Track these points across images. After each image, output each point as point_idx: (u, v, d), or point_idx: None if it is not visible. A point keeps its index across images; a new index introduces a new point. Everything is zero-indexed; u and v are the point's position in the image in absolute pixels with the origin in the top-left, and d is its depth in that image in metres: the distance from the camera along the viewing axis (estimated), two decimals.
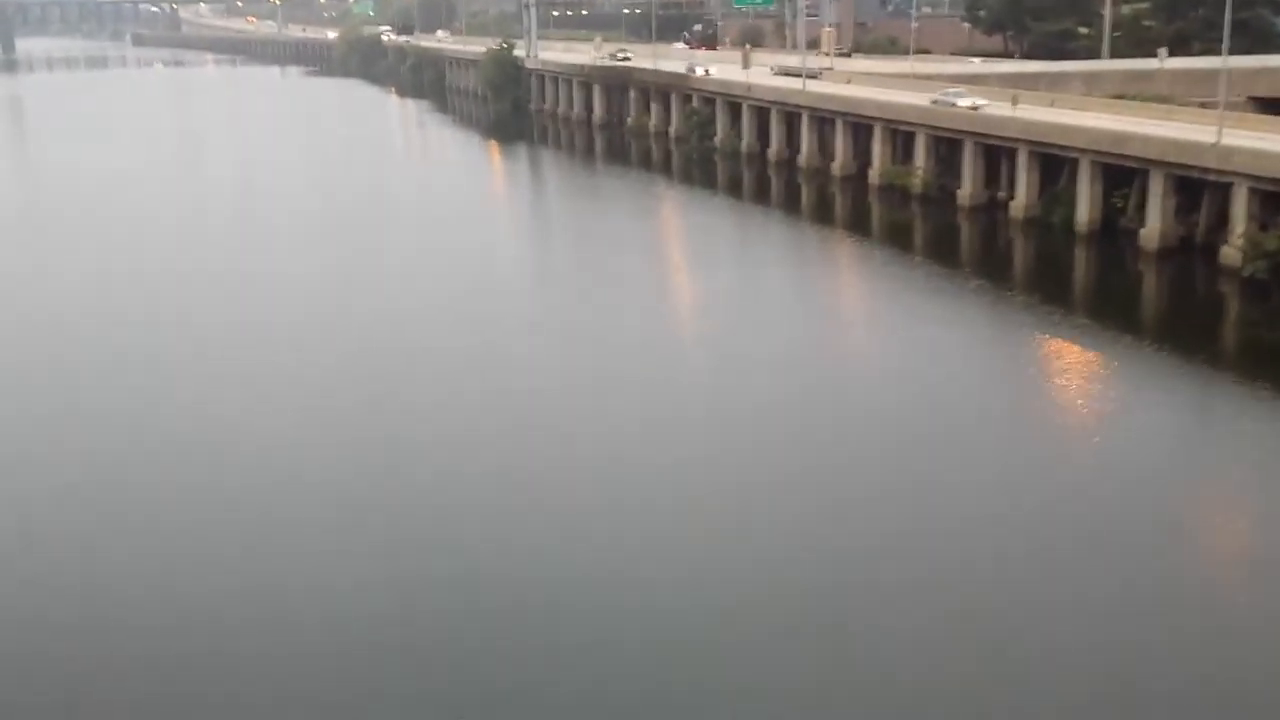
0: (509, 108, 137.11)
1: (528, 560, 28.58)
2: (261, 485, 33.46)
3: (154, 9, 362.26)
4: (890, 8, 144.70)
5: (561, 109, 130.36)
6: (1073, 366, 44.46)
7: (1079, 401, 40.36)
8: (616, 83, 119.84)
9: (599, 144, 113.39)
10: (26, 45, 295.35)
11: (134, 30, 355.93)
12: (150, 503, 32.41)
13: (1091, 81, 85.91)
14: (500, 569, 28.15)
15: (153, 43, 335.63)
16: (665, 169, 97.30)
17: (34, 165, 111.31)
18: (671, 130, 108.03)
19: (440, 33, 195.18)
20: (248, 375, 43.17)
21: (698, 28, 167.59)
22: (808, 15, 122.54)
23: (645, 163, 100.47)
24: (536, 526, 30.39)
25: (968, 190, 71.65)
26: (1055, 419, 38.70)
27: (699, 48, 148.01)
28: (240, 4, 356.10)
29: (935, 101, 76.39)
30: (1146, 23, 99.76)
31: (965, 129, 71.75)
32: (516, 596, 26.79)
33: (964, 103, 74.31)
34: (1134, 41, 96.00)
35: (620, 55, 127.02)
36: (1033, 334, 47.97)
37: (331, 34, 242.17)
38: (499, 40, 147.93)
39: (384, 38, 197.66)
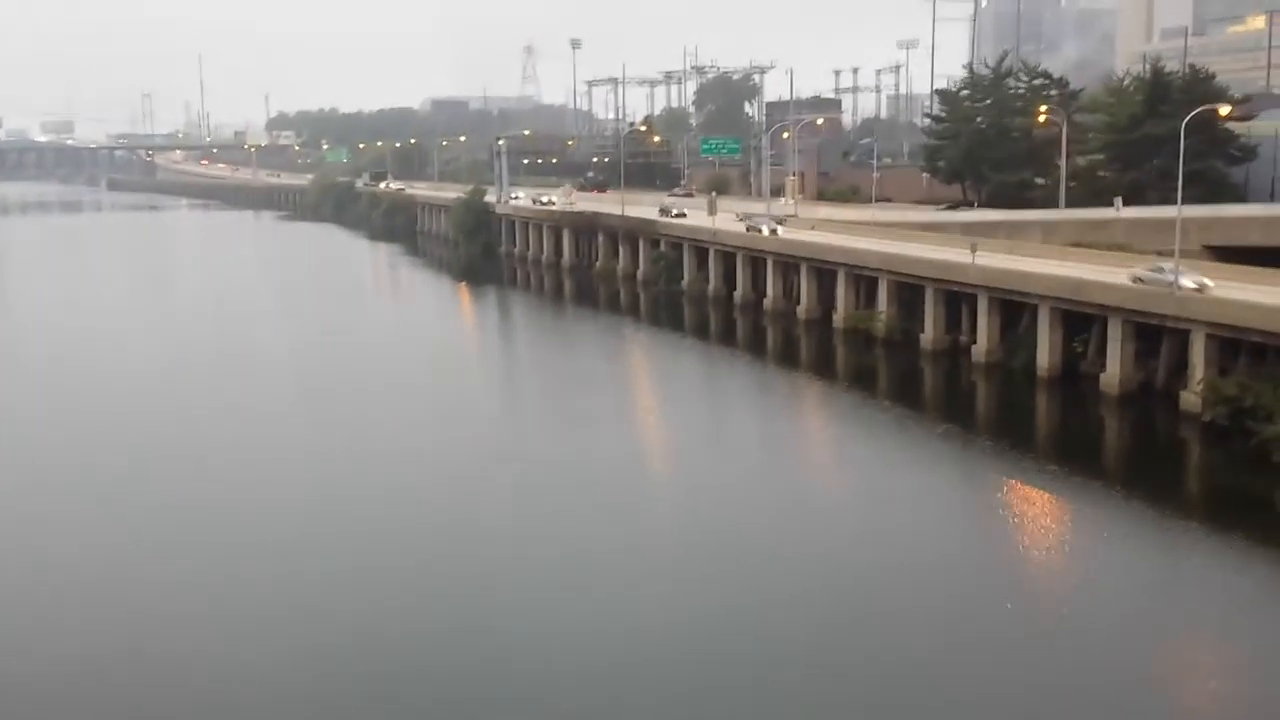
0: (479, 251, 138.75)
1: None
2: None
3: (130, 155, 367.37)
4: (852, 158, 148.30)
5: (531, 253, 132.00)
6: (1040, 514, 44.28)
7: (1046, 551, 40.09)
8: (585, 227, 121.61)
9: (568, 287, 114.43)
10: (2, 190, 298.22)
11: (109, 175, 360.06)
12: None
13: (1049, 230, 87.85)
14: None
15: (128, 188, 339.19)
16: (634, 311, 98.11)
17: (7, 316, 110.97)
18: (639, 274, 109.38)
19: (391, 181, 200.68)
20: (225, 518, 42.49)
21: (590, 174, 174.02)
22: (772, 165, 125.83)
23: (613, 305, 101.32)
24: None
25: (930, 335, 72.48)
26: (1022, 568, 38.38)
27: (591, 191, 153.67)
28: (215, 151, 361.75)
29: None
30: (1101, 173, 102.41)
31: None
32: None
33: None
34: (1090, 191, 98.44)
35: (676, 212, 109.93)
36: (999, 479, 47.87)
37: (303, 180, 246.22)
38: (469, 187, 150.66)
39: (381, 186, 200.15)
